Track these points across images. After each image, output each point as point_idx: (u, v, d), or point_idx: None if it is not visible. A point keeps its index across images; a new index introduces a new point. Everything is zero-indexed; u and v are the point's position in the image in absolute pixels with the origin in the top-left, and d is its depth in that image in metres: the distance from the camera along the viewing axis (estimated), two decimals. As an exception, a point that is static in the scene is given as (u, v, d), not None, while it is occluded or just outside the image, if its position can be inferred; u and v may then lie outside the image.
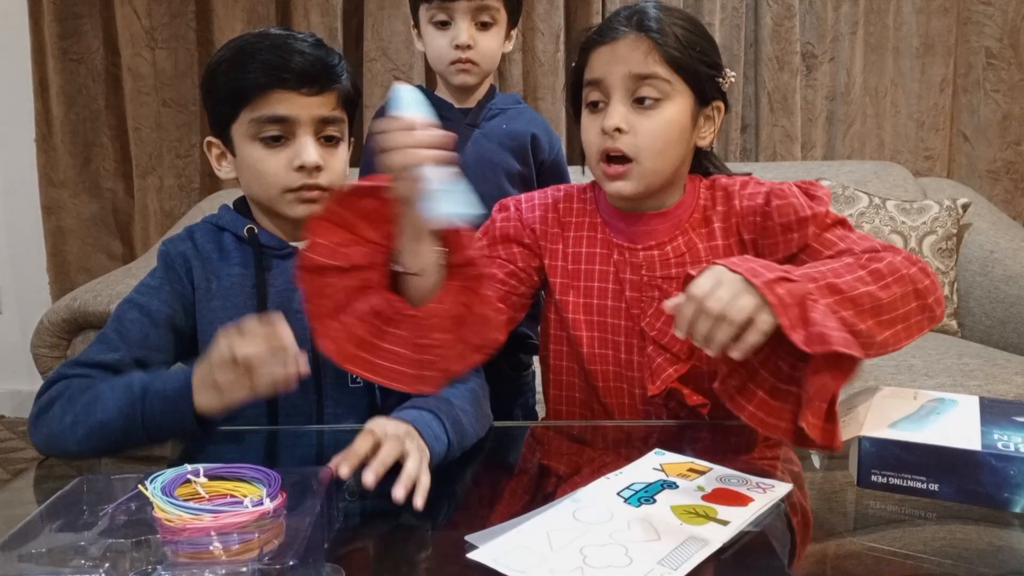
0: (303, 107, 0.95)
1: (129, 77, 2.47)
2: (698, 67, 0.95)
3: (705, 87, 0.97)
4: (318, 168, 0.96)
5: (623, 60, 0.93)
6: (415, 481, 0.74)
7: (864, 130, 2.63)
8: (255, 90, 0.94)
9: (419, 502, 0.73)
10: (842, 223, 0.95)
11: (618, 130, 0.93)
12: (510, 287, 1.04)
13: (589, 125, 0.97)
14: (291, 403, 1.01)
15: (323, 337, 0.83)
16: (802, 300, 0.76)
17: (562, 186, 1.11)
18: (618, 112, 0.93)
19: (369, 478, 0.73)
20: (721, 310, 0.74)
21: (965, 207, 2.18)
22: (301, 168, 0.95)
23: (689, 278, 0.80)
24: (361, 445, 0.76)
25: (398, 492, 0.73)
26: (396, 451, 0.76)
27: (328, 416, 1.02)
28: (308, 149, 0.95)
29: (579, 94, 1.01)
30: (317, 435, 0.99)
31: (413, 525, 0.74)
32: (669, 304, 0.80)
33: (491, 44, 1.30)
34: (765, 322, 0.75)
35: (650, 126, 0.93)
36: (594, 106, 0.97)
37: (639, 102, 0.94)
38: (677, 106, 0.95)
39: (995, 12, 2.55)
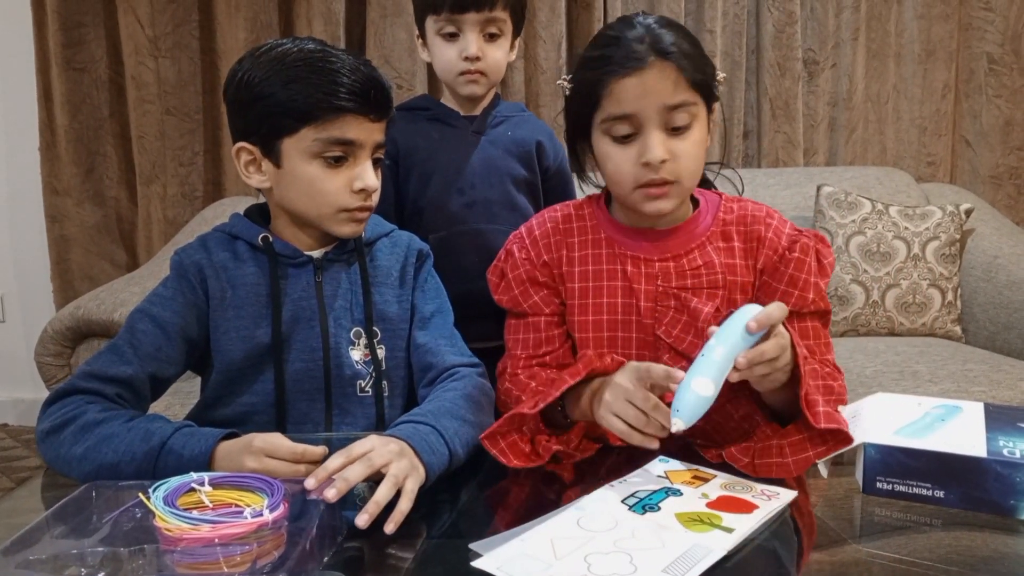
0: (369, 132, 0.97)
1: (133, 86, 2.47)
2: (709, 80, 0.97)
3: (712, 95, 0.99)
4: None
5: (654, 92, 0.92)
6: (380, 507, 0.72)
7: (866, 136, 2.63)
8: (331, 111, 0.94)
9: (388, 528, 0.71)
10: (824, 315, 1.03)
11: (662, 160, 0.94)
12: (560, 332, 1.07)
13: (622, 156, 0.96)
14: (300, 411, 1.01)
15: None
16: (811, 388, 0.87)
17: (558, 207, 1.12)
18: (659, 143, 0.93)
19: (330, 494, 0.71)
20: (778, 365, 0.84)
21: (968, 212, 2.18)
22: (361, 191, 0.98)
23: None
24: (333, 463, 0.75)
25: (360, 520, 0.71)
26: (363, 472, 0.74)
27: (336, 423, 1.02)
28: (369, 174, 0.98)
29: (585, 120, 0.99)
30: (325, 443, 0.99)
31: (418, 533, 0.74)
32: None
33: (498, 55, 1.32)
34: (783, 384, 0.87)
35: (687, 149, 0.95)
36: (624, 138, 0.96)
37: (673, 129, 0.95)
38: (701, 123, 0.97)
39: (996, 18, 2.55)
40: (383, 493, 0.73)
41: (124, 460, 0.82)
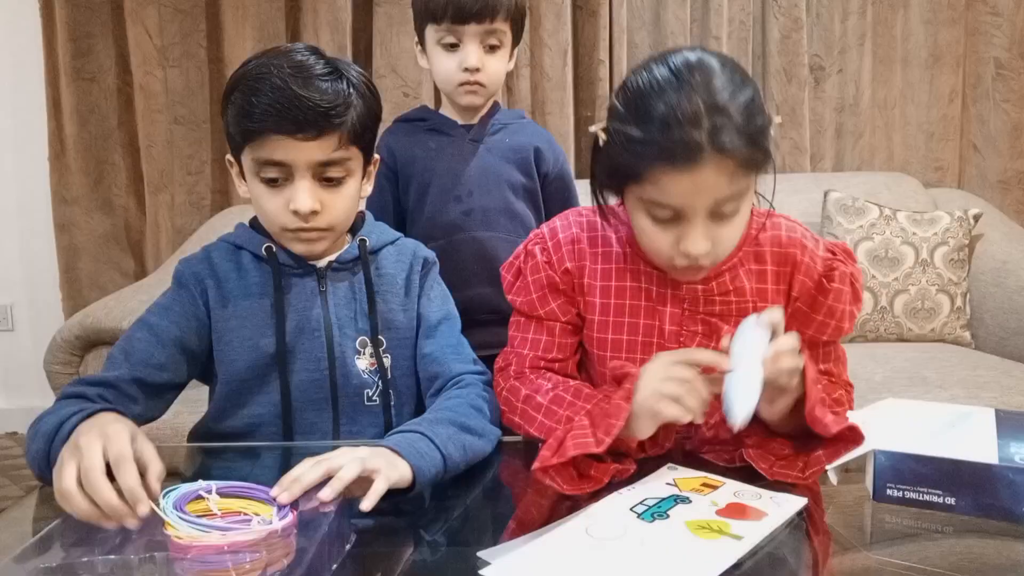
0: (300, 152, 0.93)
1: (141, 95, 2.49)
2: (767, 152, 0.85)
3: (767, 158, 0.86)
4: (314, 212, 0.95)
5: (707, 191, 0.82)
6: (344, 483, 0.72)
7: (873, 141, 2.62)
8: (254, 133, 0.93)
9: (364, 505, 0.72)
10: (844, 334, 1.00)
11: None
12: (572, 342, 1.03)
13: (659, 237, 0.88)
14: (308, 421, 1.01)
15: None
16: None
17: (583, 210, 1.05)
18: (703, 237, 0.85)
19: (325, 493, 0.71)
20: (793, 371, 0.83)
21: (976, 218, 2.17)
22: (297, 212, 0.95)
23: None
24: (299, 471, 0.75)
25: (324, 493, 0.71)
26: (355, 470, 0.74)
27: (344, 433, 1.02)
28: (302, 195, 0.94)
29: (619, 185, 0.92)
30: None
31: (425, 541, 0.74)
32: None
33: (498, 66, 1.32)
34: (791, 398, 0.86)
35: (729, 234, 0.88)
36: (664, 221, 0.87)
37: (718, 215, 0.86)
38: (749, 197, 0.88)
39: (1003, 22, 2.54)
40: (347, 472, 0.73)
41: (41, 451, 0.82)
